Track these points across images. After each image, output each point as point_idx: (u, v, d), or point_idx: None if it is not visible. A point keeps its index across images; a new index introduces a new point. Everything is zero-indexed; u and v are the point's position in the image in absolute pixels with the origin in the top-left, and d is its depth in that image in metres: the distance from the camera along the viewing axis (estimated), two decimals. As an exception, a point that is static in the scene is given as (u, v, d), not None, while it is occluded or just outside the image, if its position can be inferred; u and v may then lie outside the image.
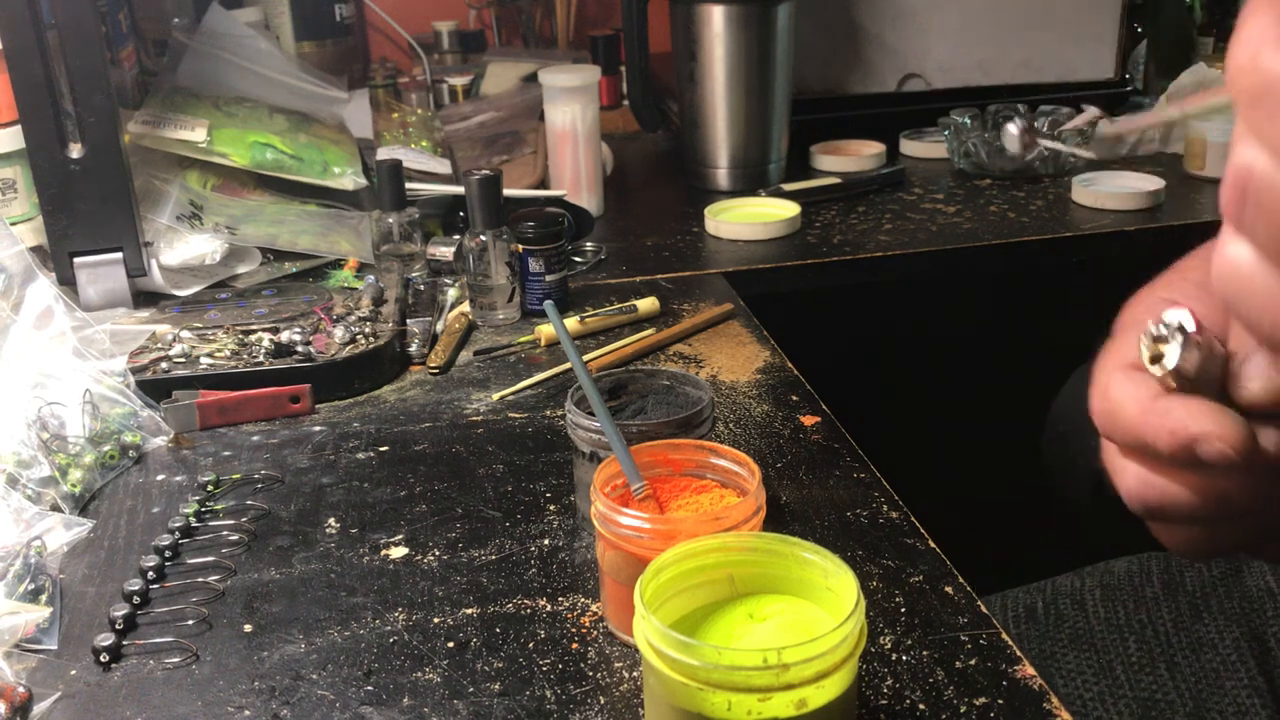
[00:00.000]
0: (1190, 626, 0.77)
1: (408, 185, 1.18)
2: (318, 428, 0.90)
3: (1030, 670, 0.59)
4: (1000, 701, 0.57)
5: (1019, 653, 0.60)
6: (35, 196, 1.05)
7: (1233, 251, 0.32)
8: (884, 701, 0.57)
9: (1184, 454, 0.38)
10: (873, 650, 0.61)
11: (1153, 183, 1.38)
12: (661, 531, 0.59)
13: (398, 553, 0.73)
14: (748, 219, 1.35)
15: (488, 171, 1.06)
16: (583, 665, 0.61)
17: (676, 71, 1.51)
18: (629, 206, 1.48)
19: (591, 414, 0.69)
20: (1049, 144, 1.39)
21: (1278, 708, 0.72)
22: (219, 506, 0.78)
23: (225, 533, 0.75)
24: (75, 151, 1.02)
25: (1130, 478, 0.41)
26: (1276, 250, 0.31)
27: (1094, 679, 0.76)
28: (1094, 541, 1.16)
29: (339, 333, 0.97)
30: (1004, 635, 0.62)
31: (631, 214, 1.44)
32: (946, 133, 1.52)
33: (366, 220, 1.20)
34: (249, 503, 0.79)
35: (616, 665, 0.61)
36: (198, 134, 1.18)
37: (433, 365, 0.99)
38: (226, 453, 0.86)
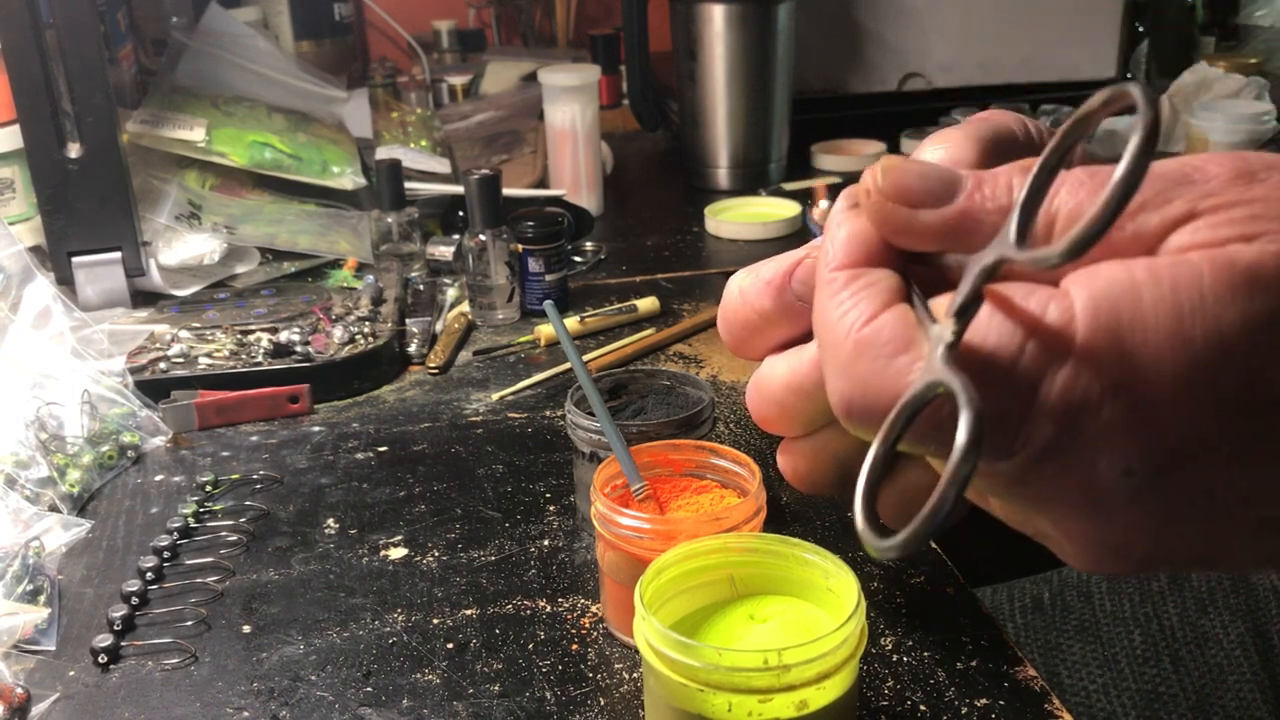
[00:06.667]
0: (1195, 621, 0.77)
1: (407, 185, 1.18)
2: (316, 428, 0.89)
3: (1031, 671, 0.59)
4: (1002, 702, 0.57)
5: (1020, 654, 0.60)
6: (33, 196, 1.05)
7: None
8: (885, 703, 0.57)
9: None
10: (874, 651, 0.61)
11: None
12: (661, 532, 0.59)
13: (397, 553, 0.72)
14: (748, 219, 1.34)
15: (487, 171, 1.06)
16: (582, 666, 0.61)
17: (676, 71, 1.51)
18: (629, 206, 1.47)
19: (591, 414, 0.69)
20: None
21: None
22: (217, 507, 0.78)
23: (224, 533, 0.75)
24: (74, 151, 1.02)
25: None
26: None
27: (1098, 671, 0.76)
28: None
29: (338, 333, 0.96)
30: (1005, 636, 0.61)
31: (631, 214, 1.44)
32: (947, 132, 1.51)
33: (365, 220, 1.20)
34: (248, 503, 0.79)
35: (616, 666, 0.61)
36: (196, 133, 1.17)
37: (432, 365, 0.99)
38: (225, 453, 0.86)
